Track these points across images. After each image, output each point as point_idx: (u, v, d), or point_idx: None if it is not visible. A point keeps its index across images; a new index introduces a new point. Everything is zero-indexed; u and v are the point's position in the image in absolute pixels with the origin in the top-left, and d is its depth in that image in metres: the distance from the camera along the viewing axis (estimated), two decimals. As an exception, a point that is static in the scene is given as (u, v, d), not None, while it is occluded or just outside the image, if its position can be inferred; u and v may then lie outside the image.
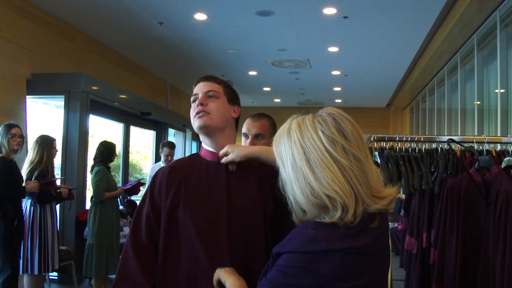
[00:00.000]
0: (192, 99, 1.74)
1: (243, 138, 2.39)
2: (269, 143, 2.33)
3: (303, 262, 1.12)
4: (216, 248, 1.59)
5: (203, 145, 1.78)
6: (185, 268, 1.61)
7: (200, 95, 1.71)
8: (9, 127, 4.10)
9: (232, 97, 1.78)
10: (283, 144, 1.23)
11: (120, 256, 1.71)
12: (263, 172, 1.77)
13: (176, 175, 1.70)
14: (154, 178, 1.75)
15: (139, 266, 1.64)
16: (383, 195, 1.19)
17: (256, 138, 2.31)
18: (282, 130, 1.27)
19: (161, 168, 1.78)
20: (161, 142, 6.54)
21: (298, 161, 1.18)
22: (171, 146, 6.24)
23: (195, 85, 1.76)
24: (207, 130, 1.70)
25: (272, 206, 1.67)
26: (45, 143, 4.46)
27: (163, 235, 1.66)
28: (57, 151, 4.68)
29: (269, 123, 2.37)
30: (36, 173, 4.34)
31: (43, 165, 4.39)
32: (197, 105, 1.69)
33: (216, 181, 1.69)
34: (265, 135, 2.32)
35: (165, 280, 1.64)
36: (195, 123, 1.71)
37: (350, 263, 1.13)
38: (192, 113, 1.72)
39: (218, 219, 1.63)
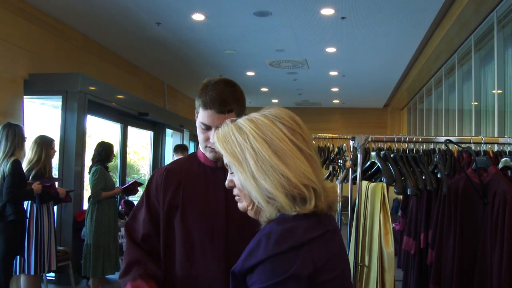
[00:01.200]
0: (202, 126, 1.61)
1: None
2: None
3: (281, 271, 0.99)
4: (213, 251, 1.59)
5: (201, 149, 1.74)
6: (181, 270, 1.61)
7: (213, 131, 1.58)
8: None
9: (242, 112, 1.65)
10: (235, 141, 1.13)
11: (124, 254, 1.71)
12: None
13: (173, 178, 1.69)
14: (151, 180, 1.74)
15: (147, 257, 1.66)
16: (329, 187, 1.17)
17: None
18: (226, 130, 1.17)
19: (158, 171, 1.76)
20: (176, 146, 6.75)
21: (263, 154, 1.09)
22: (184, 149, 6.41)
23: (205, 108, 1.58)
24: (219, 159, 1.69)
25: None
26: (44, 143, 4.47)
27: (163, 238, 1.66)
28: (55, 151, 4.67)
29: None
30: (33, 172, 4.35)
31: (40, 165, 4.40)
32: (210, 141, 1.60)
33: (214, 184, 1.68)
34: None
35: (163, 281, 1.64)
36: (207, 153, 1.67)
37: (328, 248, 1.08)
38: (203, 142, 1.64)
39: (216, 223, 1.63)
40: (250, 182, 1.10)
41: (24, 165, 4.42)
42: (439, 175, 2.50)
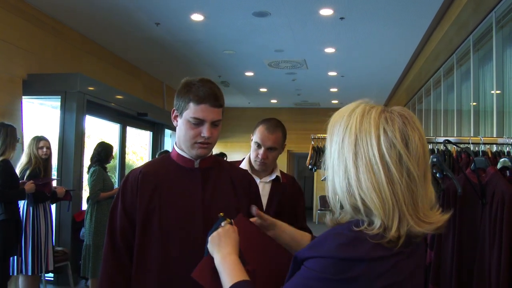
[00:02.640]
0: (193, 121, 1.61)
1: (253, 146, 2.40)
2: (278, 154, 2.43)
3: (334, 273, 0.96)
4: (191, 255, 1.56)
5: (178, 150, 1.73)
6: (158, 272, 1.60)
7: (206, 125, 1.60)
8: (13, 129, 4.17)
9: (224, 111, 1.72)
10: (339, 124, 1.09)
11: (102, 259, 1.71)
12: (235, 175, 1.77)
13: (149, 181, 1.66)
14: (125, 183, 1.70)
15: (117, 268, 1.64)
16: (429, 221, 1.03)
17: (269, 150, 2.36)
18: (346, 109, 1.13)
19: (132, 173, 1.73)
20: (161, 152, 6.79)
21: (346, 150, 1.04)
22: None
23: (198, 103, 1.59)
24: (206, 155, 1.70)
25: (247, 211, 1.66)
26: (31, 144, 4.50)
27: (137, 240, 1.64)
28: (45, 151, 4.54)
29: (282, 135, 2.41)
30: (28, 172, 4.34)
31: (33, 165, 4.39)
32: (202, 136, 1.61)
33: (191, 185, 1.67)
34: (278, 148, 2.39)
35: (138, 284, 1.63)
36: (195, 150, 1.65)
37: (394, 272, 0.99)
38: (192, 138, 1.62)
39: (194, 224, 1.62)
40: (329, 168, 1.09)
41: (18, 167, 4.43)
42: (438, 175, 2.50)
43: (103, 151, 4.98)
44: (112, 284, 1.64)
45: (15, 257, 4.21)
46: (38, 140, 4.52)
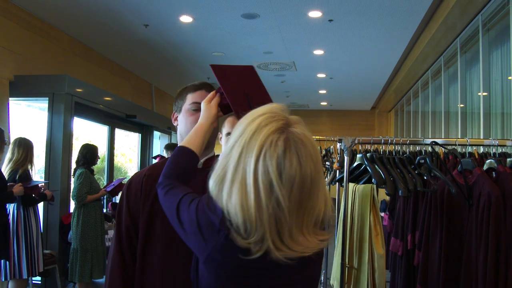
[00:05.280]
0: (192, 107, 1.67)
1: (226, 139, 2.39)
2: None
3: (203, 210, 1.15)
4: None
5: None
6: (160, 276, 1.60)
7: None
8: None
9: None
10: (240, 125, 1.10)
11: (107, 265, 1.70)
12: None
13: (152, 184, 1.66)
14: (129, 187, 1.71)
15: (123, 266, 1.65)
16: (294, 249, 1.04)
17: None
18: (252, 114, 1.10)
19: (136, 176, 1.73)
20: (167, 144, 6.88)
21: (231, 158, 1.06)
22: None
23: (195, 90, 1.69)
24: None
25: None
26: (27, 145, 4.44)
27: (140, 243, 1.64)
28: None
29: None
30: (19, 172, 4.29)
31: (25, 166, 4.35)
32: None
33: (194, 188, 1.67)
34: None
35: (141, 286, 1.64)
36: None
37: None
38: (193, 124, 1.62)
39: None
40: (221, 157, 1.13)
41: (8, 166, 4.36)
42: (425, 178, 2.52)
43: (88, 153, 4.93)
44: (120, 281, 1.64)
45: (7, 262, 4.16)
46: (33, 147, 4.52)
